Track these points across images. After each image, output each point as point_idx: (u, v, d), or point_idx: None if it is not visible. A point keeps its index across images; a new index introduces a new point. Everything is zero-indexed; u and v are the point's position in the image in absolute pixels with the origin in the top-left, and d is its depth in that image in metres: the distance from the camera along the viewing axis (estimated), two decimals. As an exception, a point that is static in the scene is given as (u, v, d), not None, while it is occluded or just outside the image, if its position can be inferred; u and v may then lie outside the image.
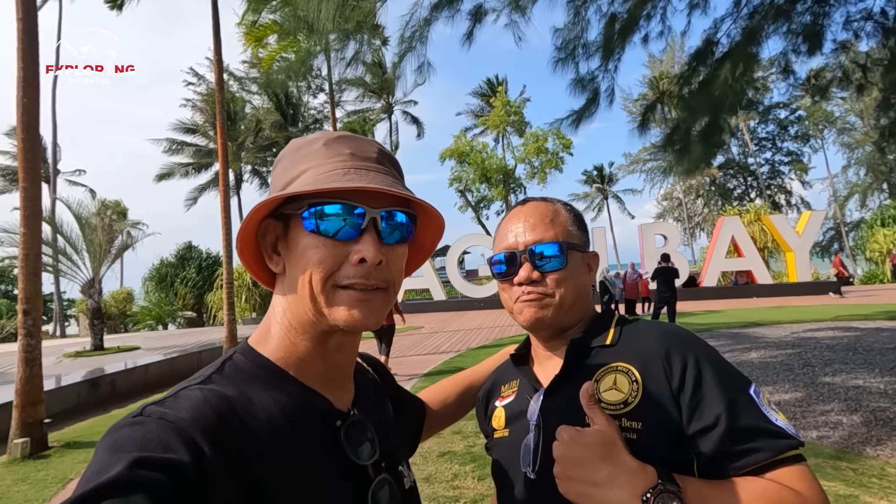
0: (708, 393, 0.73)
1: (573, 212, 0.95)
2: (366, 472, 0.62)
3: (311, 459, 0.57)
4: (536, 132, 30.70)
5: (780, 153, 41.07)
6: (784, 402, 5.11)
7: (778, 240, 19.46)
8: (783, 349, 7.82)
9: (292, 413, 0.58)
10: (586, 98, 6.57)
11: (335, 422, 0.62)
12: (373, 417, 0.69)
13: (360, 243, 0.59)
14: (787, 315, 12.16)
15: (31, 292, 5.13)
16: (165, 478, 0.44)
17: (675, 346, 0.79)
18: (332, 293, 0.60)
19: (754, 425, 0.70)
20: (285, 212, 0.62)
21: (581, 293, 0.90)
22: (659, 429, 0.73)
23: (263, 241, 0.65)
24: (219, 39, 10.23)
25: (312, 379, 0.63)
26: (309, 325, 0.62)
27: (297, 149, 0.65)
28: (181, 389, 0.55)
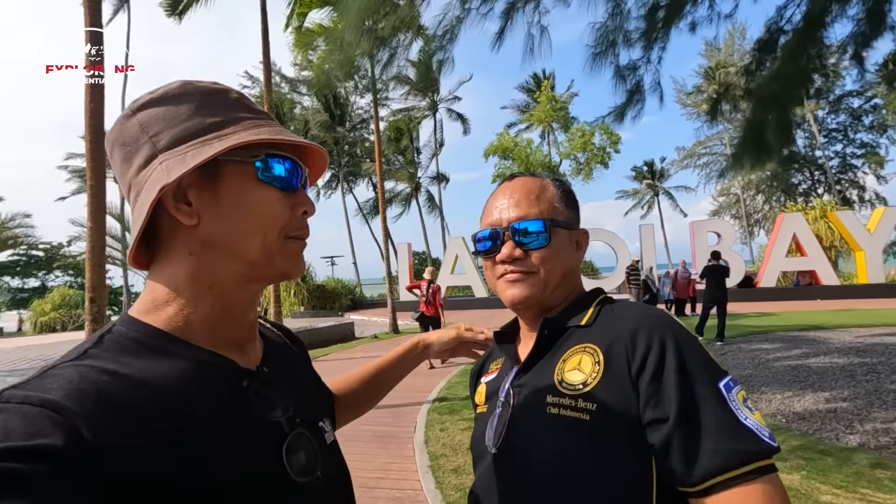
0: (667, 380, 0.67)
1: (562, 187, 0.91)
2: (280, 428, 0.60)
3: (219, 422, 0.54)
4: (583, 127, 29.99)
5: (853, 145, 37.96)
6: (841, 410, 4.77)
7: (846, 238, 18.06)
8: (846, 355, 7.27)
9: (194, 378, 0.54)
10: (627, 91, 6.35)
11: (242, 381, 0.59)
12: (284, 374, 0.67)
13: (301, 197, 0.62)
14: (853, 319, 11.28)
15: (97, 282, 5.56)
16: (33, 467, 0.40)
17: (643, 327, 0.73)
18: (284, 244, 0.60)
19: (714, 422, 0.63)
20: (227, 158, 0.57)
21: (567, 272, 0.87)
22: (613, 413, 0.69)
23: (171, 190, 0.55)
24: (267, 43, 10.66)
25: (216, 342, 0.59)
26: (230, 284, 0.59)
27: (212, 93, 0.60)
28: (49, 369, 0.49)
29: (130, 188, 0.58)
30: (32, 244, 34.18)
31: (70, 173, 32.89)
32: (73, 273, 39.67)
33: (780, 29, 5.84)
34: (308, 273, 24.96)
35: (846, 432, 4.21)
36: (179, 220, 0.56)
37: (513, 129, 36.15)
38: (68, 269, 39.48)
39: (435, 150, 34.61)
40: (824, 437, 4.15)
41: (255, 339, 0.66)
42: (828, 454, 3.72)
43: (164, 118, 0.57)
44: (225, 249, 0.58)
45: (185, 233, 0.57)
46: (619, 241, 18.71)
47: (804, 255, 17.68)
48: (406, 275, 21.58)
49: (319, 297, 24.38)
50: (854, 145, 38.02)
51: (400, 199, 35.62)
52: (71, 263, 36.70)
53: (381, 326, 15.64)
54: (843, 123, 38.06)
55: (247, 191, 0.58)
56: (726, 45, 34.26)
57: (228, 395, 0.57)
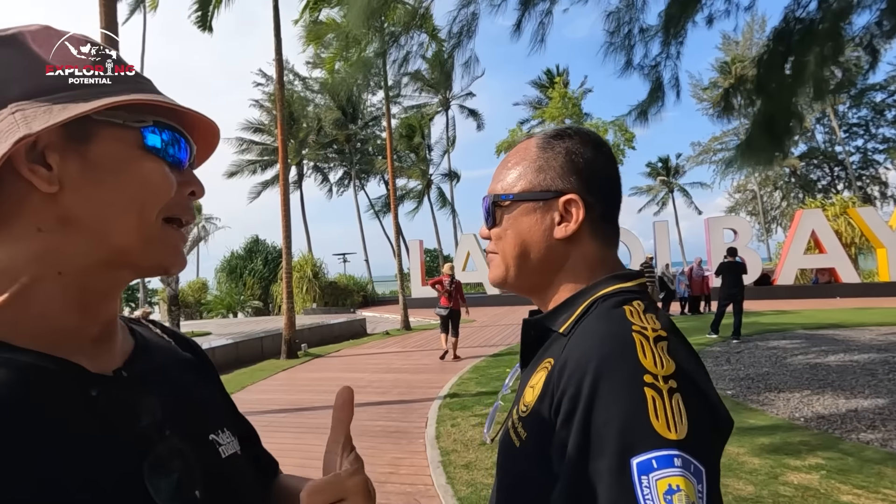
0: (570, 435, 0.53)
1: (546, 147, 0.73)
2: (143, 440, 0.48)
3: (61, 437, 0.43)
4: (597, 124, 29.70)
5: (875, 140, 37.06)
6: (861, 409, 4.66)
7: (867, 234, 17.64)
8: (866, 353, 7.12)
9: (22, 390, 0.43)
10: (649, 88, 6.26)
11: (91, 388, 0.47)
12: (157, 380, 0.55)
13: (190, 175, 0.53)
14: (874, 317, 11.03)
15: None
16: None
17: (577, 352, 0.59)
18: (163, 228, 0.51)
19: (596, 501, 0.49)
20: (95, 117, 0.47)
21: (530, 251, 0.72)
22: (535, 451, 0.60)
23: (25, 148, 0.45)
24: (279, 40, 10.71)
25: (58, 344, 0.48)
26: (94, 269, 0.49)
27: (82, 43, 0.51)
28: None
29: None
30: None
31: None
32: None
33: (798, 18, 5.69)
34: (320, 270, 25.14)
35: (867, 432, 4.10)
36: (35, 185, 0.45)
37: (525, 125, 35.96)
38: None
39: (447, 147, 34.58)
40: (844, 436, 4.06)
41: (113, 339, 0.54)
42: (848, 454, 3.63)
43: (18, 65, 0.46)
44: (88, 228, 0.47)
45: (38, 203, 0.46)
46: (633, 239, 18.50)
47: (823, 252, 17.32)
48: (418, 272, 21.61)
49: (331, 294, 24.54)
50: (876, 140, 37.08)
51: (412, 197, 35.67)
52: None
53: (393, 323, 15.68)
54: (864, 118, 37.16)
55: (128, 160, 0.48)
56: (744, 37, 33.62)
57: (67, 405, 0.45)
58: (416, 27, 5.05)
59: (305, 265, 24.25)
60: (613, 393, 0.52)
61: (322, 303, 24.00)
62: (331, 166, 35.84)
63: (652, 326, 0.58)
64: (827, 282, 18.11)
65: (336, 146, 33.60)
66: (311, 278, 24.19)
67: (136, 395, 0.51)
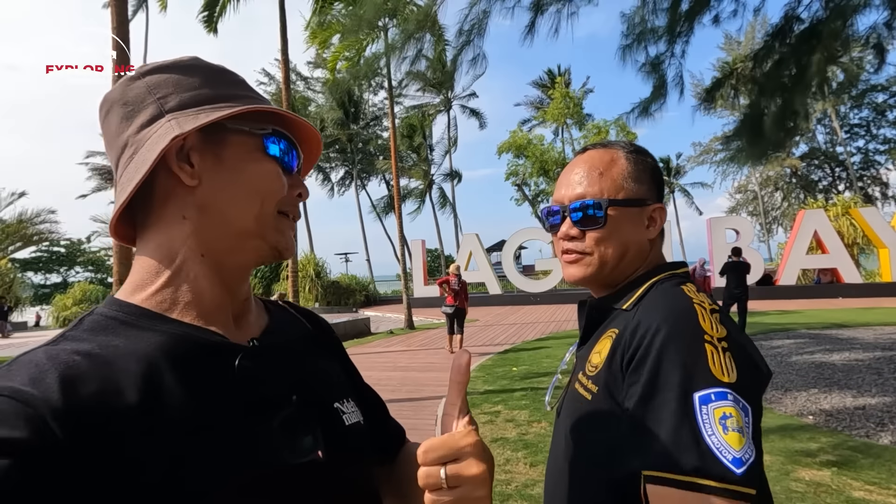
0: (640, 378, 0.66)
1: (636, 161, 0.87)
2: (272, 403, 0.54)
3: (203, 397, 0.50)
4: (598, 124, 29.72)
5: (876, 141, 37.08)
6: (870, 407, 4.69)
7: (870, 235, 17.67)
8: (871, 352, 7.15)
9: (174, 355, 0.51)
10: (652, 86, 6.27)
11: (230, 355, 0.54)
12: (286, 351, 0.63)
13: (298, 179, 0.63)
14: (878, 317, 11.07)
15: (124, 276, 5.68)
16: (6, 461, 0.38)
17: (647, 320, 0.71)
18: (278, 218, 0.60)
19: (667, 429, 0.61)
20: (229, 125, 0.57)
21: (626, 251, 0.85)
22: (607, 399, 0.72)
23: (172, 148, 0.54)
24: (285, 41, 10.75)
25: (204, 316, 0.56)
26: (226, 251, 0.57)
27: (221, 72, 0.61)
28: (21, 355, 0.47)
29: (126, 146, 0.55)
30: (55, 240, 34.94)
31: (90, 171, 33.52)
32: (93, 268, 40.52)
33: (797, 17, 5.71)
34: (323, 269, 25.17)
35: (877, 430, 4.14)
36: (181, 178, 0.54)
37: (526, 125, 35.99)
38: (89, 264, 40.32)
39: (448, 147, 34.60)
40: (854, 434, 4.09)
41: (249, 315, 0.63)
42: (859, 451, 3.66)
43: (173, 83, 0.57)
44: (220, 215, 0.56)
45: (183, 195, 0.55)
46: (635, 238, 18.51)
47: (825, 252, 17.34)
48: (420, 272, 21.63)
49: (334, 294, 24.57)
50: (877, 141, 37.11)
51: (413, 196, 35.69)
52: (91, 259, 37.44)
53: (396, 322, 15.71)
54: (865, 119, 37.17)
55: (252, 161, 0.57)
56: (747, 38, 33.62)
57: (213, 370, 0.53)
58: (427, 28, 5.07)
59: (308, 264, 24.29)
60: (680, 346, 0.66)
61: (324, 302, 24.03)
62: (332, 166, 35.87)
63: (707, 302, 0.72)
64: (829, 282, 18.15)
65: (338, 146, 33.62)
66: (313, 278, 24.22)
67: (268, 363, 0.57)
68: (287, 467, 0.52)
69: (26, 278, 38.55)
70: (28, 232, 24.86)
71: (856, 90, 33.15)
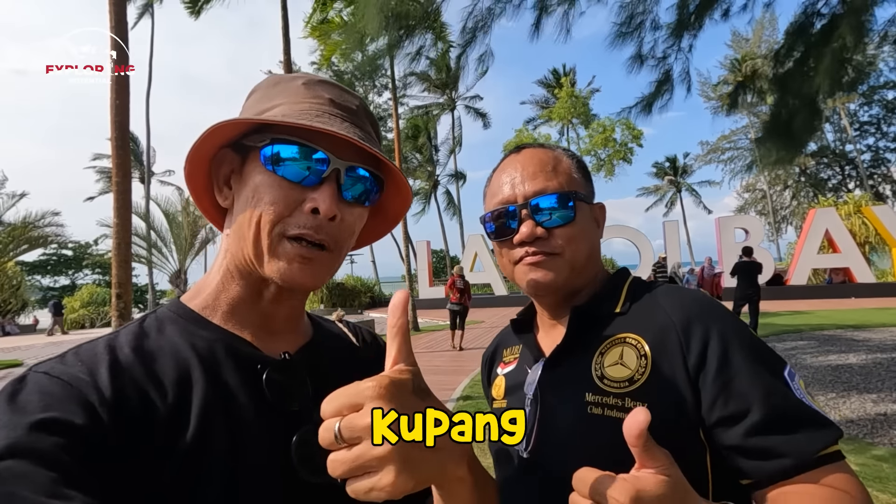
0: (737, 375, 0.62)
1: (575, 158, 0.83)
2: (293, 419, 0.55)
3: (229, 402, 0.52)
4: (604, 122, 29.55)
5: (886, 138, 36.62)
6: (891, 413, 4.51)
7: (882, 233, 17.35)
8: (889, 353, 6.95)
9: (208, 358, 0.54)
10: (657, 81, 6.14)
11: (256, 365, 0.56)
12: (323, 371, 0.61)
13: (317, 192, 0.55)
14: (893, 317, 10.81)
15: (123, 278, 5.61)
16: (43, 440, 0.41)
17: (697, 316, 0.67)
18: (278, 242, 0.55)
19: (792, 415, 0.60)
20: (246, 143, 0.57)
21: (593, 251, 0.79)
22: (666, 411, 0.63)
23: (217, 171, 0.60)
24: (288, 41, 10.69)
25: (241, 325, 0.58)
26: (246, 271, 0.58)
27: (274, 83, 0.61)
28: (86, 343, 0.52)
29: None
30: (62, 243, 35.17)
31: (98, 173, 33.78)
32: (100, 271, 40.79)
33: (817, 12, 5.55)
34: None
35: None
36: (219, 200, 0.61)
37: (531, 124, 35.84)
38: (96, 267, 40.60)
39: (452, 148, 34.50)
40: (877, 441, 3.92)
41: (289, 330, 0.63)
42: (882, 460, 3.50)
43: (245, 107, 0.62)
44: (236, 234, 0.57)
45: (229, 213, 0.61)
46: (643, 239, 18.33)
47: (837, 251, 17.05)
48: (426, 273, 21.55)
49: (339, 295, 24.52)
50: (888, 138, 36.67)
51: (418, 197, 35.63)
52: (99, 262, 37.71)
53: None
54: (875, 116, 36.74)
55: (253, 176, 0.56)
56: (755, 35, 33.32)
57: (241, 379, 0.54)
58: (428, 27, 4.96)
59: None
60: (749, 335, 0.66)
61: (330, 304, 23.99)
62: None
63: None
64: (841, 282, 17.84)
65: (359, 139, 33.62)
66: (318, 279, 24.21)
67: (296, 378, 0.58)
68: (303, 484, 0.52)
69: (34, 281, 38.89)
70: (34, 235, 25.01)
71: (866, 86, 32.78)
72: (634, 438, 0.44)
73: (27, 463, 0.40)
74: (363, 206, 0.60)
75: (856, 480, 0.58)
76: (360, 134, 0.56)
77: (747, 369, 0.62)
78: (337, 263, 0.59)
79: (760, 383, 0.61)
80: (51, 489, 0.39)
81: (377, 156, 0.57)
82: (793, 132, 5.65)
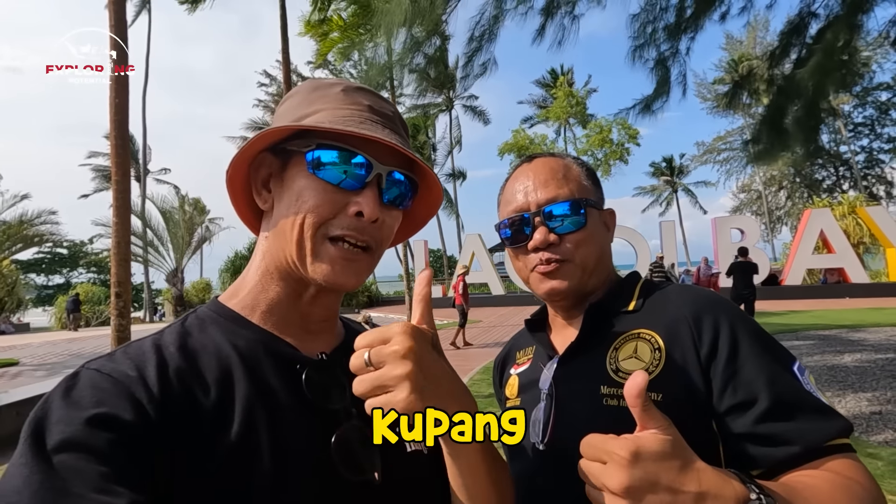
0: (745, 365, 0.65)
1: (584, 165, 0.86)
2: (332, 418, 0.56)
3: (270, 401, 0.54)
4: (601, 122, 29.62)
5: (880, 139, 36.89)
6: (886, 412, 4.57)
7: (877, 234, 17.48)
8: (883, 353, 7.02)
9: (249, 357, 0.55)
10: (656, 82, 6.18)
11: (296, 365, 0.57)
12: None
13: (360, 196, 0.57)
14: (887, 317, 10.91)
15: (122, 277, 5.59)
16: (96, 434, 0.43)
17: (707, 310, 0.70)
18: (321, 244, 0.57)
19: (800, 404, 0.62)
20: (288, 147, 0.59)
21: (603, 254, 0.83)
22: (680, 402, 0.65)
23: (255, 174, 0.62)
24: (286, 40, 10.67)
25: (280, 326, 0.60)
26: (286, 272, 0.60)
27: (313, 88, 0.62)
28: (135, 341, 0.54)
29: None
30: (57, 242, 34.97)
31: (93, 171, 33.59)
32: (95, 270, 40.58)
33: (812, 13, 5.60)
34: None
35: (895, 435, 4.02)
36: (258, 203, 0.62)
37: (528, 123, 35.89)
38: (91, 266, 40.38)
39: (450, 147, 34.50)
40: (872, 440, 3.98)
41: (325, 331, 0.65)
42: (878, 458, 3.55)
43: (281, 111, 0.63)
44: (277, 236, 0.59)
45: (268, 215, 0.62)
46: (639, 239, 18.40)
47: (832, 251, 17.16)
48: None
49: (336, 294, 24.50)
50: (881, 140, 36.95)
51: (415, 197, 35.60)
52: (94, 260, 37.51)
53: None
54: (869, 117, 37.00)
55: (296, 180, 0.58)
56: (749, 36, 33.50)
57: (282, 379, 0.56)
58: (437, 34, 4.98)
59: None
60: (757, 328, 0.70)
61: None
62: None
63: None
64: (836, 282, 17.97)
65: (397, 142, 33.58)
66: (315, 278, 24.18)
67: (332, 378, 0.59)
68: (341, 482, 0.53)
69: (29, 279, 38.62)
70: (29, 233, 24.85)
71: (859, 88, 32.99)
72: (633, 398, 0.48)
73: (81, 457, 0.41)
74: (398, 209, 0.62)
75: (865, 470, 0.59)
76: (399, 140, 0.59)
77: (756, 359, 0.65)
78: (375, 264, 0.62)
79: (769, 372, 0.64)
80: (102, 485, 0.41)
81: (416, 160, 0.59)
82: (786, 133, 5.71)
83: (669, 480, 0.46)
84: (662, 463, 0.46)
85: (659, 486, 0.46)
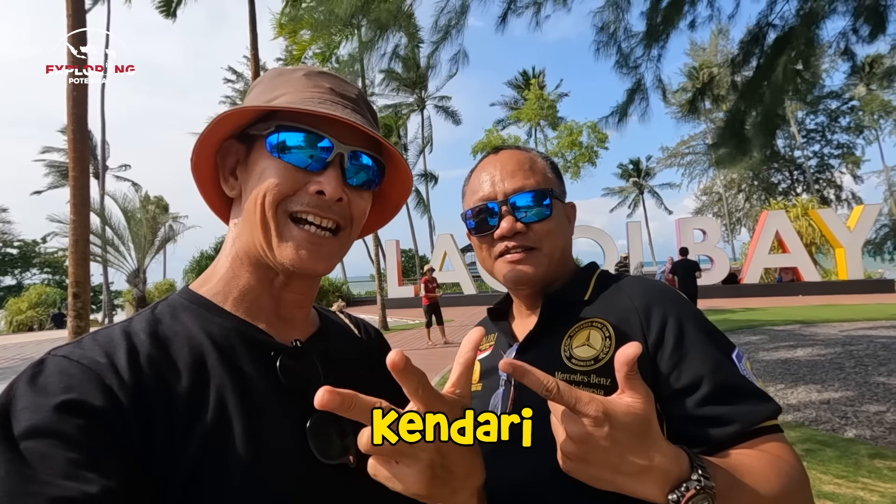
0: (690, 352, 0.69)
1: (548, 159, 0.90)
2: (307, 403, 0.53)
3: (244, 387, 0.54)
4: (571, 125, 30.12)
5: (830, 146, 38.90)
6: (833, 401, 4.84)
7: (827, 235, 18.44)
8: (832, 347, 7.42)
9: (222, 344, 0.55)
10: (628, 90, 6.35)
11: (270, 352, 0.58)
12: (330, 356, 0.64)
13: (322, 175, 0.57)
14: (836, 313, 11.53)
15: (81, 276, 5.37)
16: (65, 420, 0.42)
17: (656, 301, 0.74)
18: (284, 223, 0.57)
19: (738, 389, 0.67)
20: (251, 132, 0.59)
21: (566, 246, 0.86)
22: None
23: (223, 163, 0.63)
24: (255, 34, 10.45)
25: (252, 312, 0.60)
26: (255, 258, 0.60)
27: (277, 74, 0.63)
28: (103, 329, 0.54)
29: None
30: (7, 241, 33.15)
31: (47, 167, 32.00)
32: (50, 270, 38.66)
33: (770, 23, 5.89)
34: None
35: (841, 423, 4.27)
36: (226, 191, 0.63)
37: (500, 125, 36.19)
38: (45, 266, 38.44)
39: (422, 147, 34.47)
40: (820, 428, 4.21)
41: (298, 319, 0.65)
42: (826, 445, 3.76)
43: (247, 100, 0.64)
44: (245, 221, 0.59)
45: (235, 202, 0.63)
46: (607, 238, 18.85)
47: (786, 251, 18.01)
48: (395, 272, 21.45)
49: (306, 295, 24.13)
50: (831, 146, 38.97)
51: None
52: (48, 260, 35.74)
53: (371, 323, 15.53)
54: (821, 124, 38.94)
55: (258, 163, 0.58)
56: (711, 44, 34.77)
57: (256, 366, 0.56)
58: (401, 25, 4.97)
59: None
60: (702, 319, 0.74)
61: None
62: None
63: None
64: (790, 280, 18.86)
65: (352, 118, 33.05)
66: (284, 279, 23.73)
67: (308, 364, 0.60)
68: (317, 466, 0.54)
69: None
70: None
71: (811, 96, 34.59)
72: (621, 364, 0.49)
73: (49, 444, 0.40)
74: (367, 189, 0.63)
75: (791, 450, 0.65)
76: (362, 120, 0.59)
77: (700, 347, 0.69)
78: (345, 248, 0.62)
79: (711, 360, 0.68)
80: (72, 471, 0.40)
81: (379, 139, 0.60)
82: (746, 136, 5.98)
83: (623, 448, 0.49)
84: (624, 431, 0.49)
85: (610, 449, 0.49)
